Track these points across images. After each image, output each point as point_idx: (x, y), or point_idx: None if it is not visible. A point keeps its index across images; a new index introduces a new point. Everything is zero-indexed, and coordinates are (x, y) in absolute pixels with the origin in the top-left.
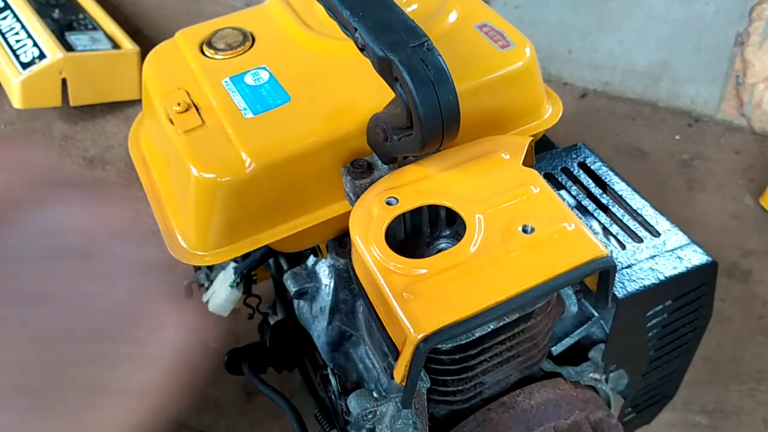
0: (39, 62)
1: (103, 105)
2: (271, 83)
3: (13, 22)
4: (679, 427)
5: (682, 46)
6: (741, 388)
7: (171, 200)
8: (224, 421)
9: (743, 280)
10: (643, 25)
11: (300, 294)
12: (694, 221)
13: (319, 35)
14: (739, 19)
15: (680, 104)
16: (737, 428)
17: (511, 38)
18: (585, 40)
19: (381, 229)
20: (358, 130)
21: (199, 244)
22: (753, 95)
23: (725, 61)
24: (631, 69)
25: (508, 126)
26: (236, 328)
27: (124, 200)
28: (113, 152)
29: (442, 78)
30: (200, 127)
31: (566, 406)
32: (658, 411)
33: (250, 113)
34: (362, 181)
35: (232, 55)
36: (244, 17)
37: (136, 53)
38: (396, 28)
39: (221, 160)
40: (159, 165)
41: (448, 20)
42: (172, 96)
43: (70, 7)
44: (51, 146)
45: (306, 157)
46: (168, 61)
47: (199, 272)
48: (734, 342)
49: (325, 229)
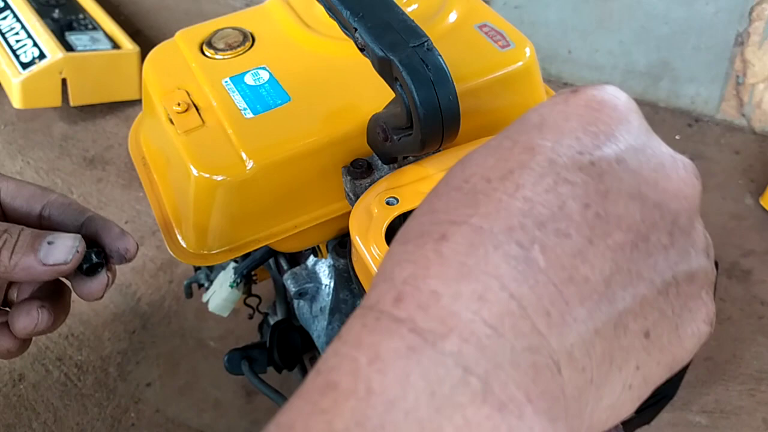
0: (39, 62)
1: (103, 105)
2: (271, 83)
3: (13, 22)
4: (679, 427)
5: (682, 46)
6: (741, 388)
7: (171, 200)
8: (224, 421)
9: (743, 280)
10: (643, 25)
11: (300, 294)
12: None
13: (319, 35)
14: (739, 19)
15: (680, 104)
16: (737, 428)
17: (511, 38)
18: (585, 40)
19: (381, 229)
20: (358, 130)
21: (199, 244)
22: (753, 95)
23: (725, 61)
24: (631, 69)
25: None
26: (236, 328)
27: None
28: (113, 152)
29: (442, 78)
30: (200, 127)
31: None
32: (658, 411)
33: (250, 113)
34: (362, 181)
35: (232, 55)
36: (244, 17)
37: (136, 53)
38: (396, 28)
39: (221, 160)
40: (159, 165)
41: (448, 20)
42: (172, 96)
43: (70, 7)
44: (51, 146)
45: (306, 157)
46: (168, 61)
47: (198, 272)
48: (734, 342)
49: (325, 229)
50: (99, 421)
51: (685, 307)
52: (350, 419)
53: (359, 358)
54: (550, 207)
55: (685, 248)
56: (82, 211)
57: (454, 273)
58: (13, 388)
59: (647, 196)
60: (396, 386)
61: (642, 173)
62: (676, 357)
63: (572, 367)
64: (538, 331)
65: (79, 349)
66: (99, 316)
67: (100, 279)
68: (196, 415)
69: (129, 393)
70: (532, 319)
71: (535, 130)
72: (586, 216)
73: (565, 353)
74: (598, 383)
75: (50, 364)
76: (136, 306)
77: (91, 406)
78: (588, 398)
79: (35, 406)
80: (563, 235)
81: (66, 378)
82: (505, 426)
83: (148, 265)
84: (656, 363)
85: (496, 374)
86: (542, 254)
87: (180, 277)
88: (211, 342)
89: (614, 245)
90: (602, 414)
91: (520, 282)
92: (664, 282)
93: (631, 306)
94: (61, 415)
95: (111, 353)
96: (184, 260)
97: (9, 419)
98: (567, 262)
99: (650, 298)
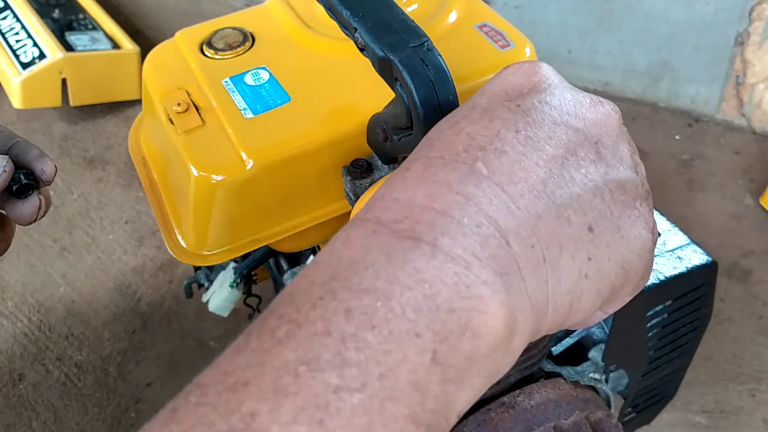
0: (39, 62)
1: (103, 105)
2: (271, 83)
3: (13, 22)
4: (679, 427)
5: (682, 46)
6: (741, 388)
7: (171, 200)
8: None
9: (743, 280)
10: (643, 25)
11: None
12: (694, 221)
13: (319, 35)
14: (739, 19)
15: (680, 104)
16: (737, 428)
17: (511, 38)
18: (585, 40)
19: None
20: (358, 130)
21: (199, 244)
22: (753, 95)
23: (725, 61)
24: (631, 69)
25: None
26: (236, 328)
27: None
28: (113, 152)
29: (442, 78)
30: (200, 127)
31: (566, 406)
32: (658, 411)
33: (250, 113)
34: (362, 181)
35: (232, 55)
36: (244, 17)
37: (136, 53)
38: (396, 28)
39: (221, 160)
40: (159, 165)
41: (448, 20)
42: (172, 96)
43: (70, 7)
44: (51, 146)
45: (306, 157)
46: (168, 61)
47: (198, 272)
48: (734, 342)
49: (325, 229)
50: (99, 421)
51: (623, 213)
52: (325, 274)
53: (335, 243)
54: (487, 135)
55: (611, 163)
56: (11, 136)
57: (411, 185)
58: (13, 388)
59: (570, 123)
60: (359, 254)
61: (563, 107)
62: (626, 257)
63: (521, 243)
64: (484, 213)
65: (79, 349)
66: (99, 316)
67: (32, 201)
68: None
69: (129, 393)
70: (479, 206)
71: (476, 96)
72: (518, 138)
73: (512, 231)
74: (551, 264)
75: (50, 364)
76: (136, 306)
77: (91, 406)
78: (546, 277)
79: (35, 406)
80: (500, 152)
81: (66, 378)
82: (452, 273)
83: (148, 265)
84: (607, 258)
85: (444, 240)
86: (485, 166)
87: (180, 277)
88: (211, 342)
89: (546, 157)
90: (564, 298)
91: (466, 184)
92: (596, 186)
93: (568, 201)
94: (61, 415)
95: (111, 353)
96: (184, 260)
97: (9, 419)
98: (506, 170)
99: (586, 198)
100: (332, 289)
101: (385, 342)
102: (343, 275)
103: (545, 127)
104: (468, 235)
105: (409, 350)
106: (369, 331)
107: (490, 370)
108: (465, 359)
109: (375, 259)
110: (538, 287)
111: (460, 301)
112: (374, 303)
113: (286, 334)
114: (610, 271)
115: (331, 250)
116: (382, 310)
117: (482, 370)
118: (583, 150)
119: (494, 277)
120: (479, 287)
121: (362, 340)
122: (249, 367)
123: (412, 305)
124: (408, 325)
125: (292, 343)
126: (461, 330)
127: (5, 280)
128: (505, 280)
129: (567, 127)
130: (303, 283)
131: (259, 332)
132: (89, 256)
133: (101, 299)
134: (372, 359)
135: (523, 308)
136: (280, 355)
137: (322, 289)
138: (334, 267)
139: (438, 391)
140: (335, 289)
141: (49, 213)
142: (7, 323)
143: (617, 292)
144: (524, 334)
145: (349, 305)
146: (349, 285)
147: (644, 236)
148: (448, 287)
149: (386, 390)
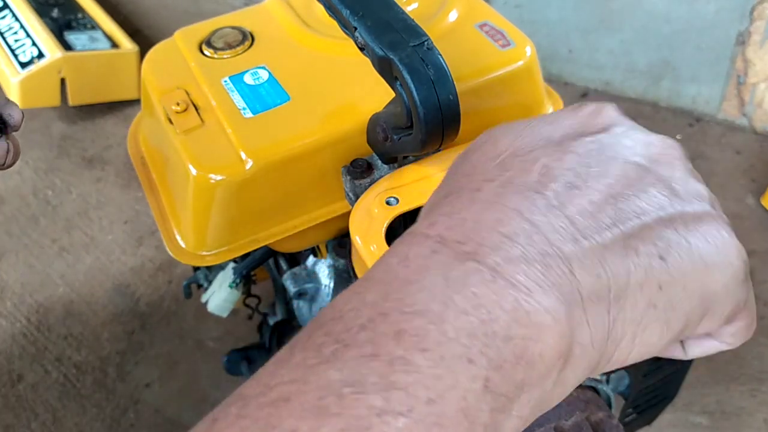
0: (38, 62)
1: (102, 105)
2: (270, 83)
3: (11, 21)
4: (680, 428)
5: (683, 46)
6: (742, 389)
7: (170, 200)
8: None
9: None
10: (644, 24)
11: (300, 294)
12: None
13: (319, 35)
14: (740, 19)
15: (681, 104)
16: (738, 429)
17: (511, 37)
18: (586, 40)
19: (381, 229)
20: (358, 130)
21: (198, 244)
22: (754, 95)
23: (726, 61)
24: (632, 68)
25: None
26: (236, 328)
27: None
28: (112, 152)
29: (443, 77)
30: (199, 126)
31: (567, 407)
32: (660, 412)
33: (250, 113)
34: (362, 181)
35: (232, 55)
36: (244, 16)
37: (135, 53)
38: (396, 28)
39: (220, 159)
40: (158, 165)
41: (448, 19)
42: (171, 95)
43: (68, 6)
44: (50, 146)
45: (305, 156)
46: (167, 60)
47: (198, 272)
48: None
49: (325, 229)
50: (98, 421)
51: (702, 241)
52: (377, 293)
53: (391, 259)
54: (561, 168)
55: (686, 198)
56: None
57: (481, 207)
58: (12, 388)
59: (641, 162)
60: (415, 274)
61: (636, 147)
62: (707, 287)
63: (585, 272)
64: (549, 242)
65: (77, 349)
66: (98, 316)
67: (0, 144)
68: (195, 415)
69: (128, 393)
70: (545, 235)
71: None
72: (590, 173)
73: (577, 260)
74: (616, 294)
75: (49, 365)
76: (135, 306)
77: (90, 407)
78: (608, 306)
79: (34, 407)
80: (573, 187)
81: (65, 378)
82: (512, 299)
83: (147, 266)
84: (681, 288)
85: (506, 267)
86: (556, 197)
87: (179, 277)
88: (211, 342)
89: (615, 193)
90: (626, 327)
91: (534, 212)
92: (668, 217)
93: (637, 232)
94: (59, 415)
95: (110, 354)
96: (183, 260)
97: (8, 420)
98: (576, 202)
99: (656, 229)
100: (384, 310)
101: (435, 366)
102: (396, 296)
103: (617, 164)
104: (531, 262)
105: (461, 376)
106: (419, 353)
107: (539, 400)
108: (516, 388)
109: (433, 282)
110: (599, 318)
111: (518, 329)
112: (426, 325)
113: (333, 353)
114: (684, 301)
115: (387, 267)
116: (435, 333)
117: (532, 400)
118: (655, 188)
119: (556, 306)
120: (539, 315)
121: (411, 363)
122: (292, 383)
123: (467, 330)
124: (461, 350)
125: (338, 363)
126: (516, 359)
127: (4, 280)
128: (566, 309)
129: (638, 166)
130: (355, 300)
131: (305, 346)
132: (88, 257)
133: (100, 299)
134: (420, 383)
135: (582, 341)
136: (324, 374)
137: (374, 309)
138: (387, 286)
139: (487, 419)
140: (387, 310)
141: (47, 213)
142: (5, 323)
143: (693, 325)
144: (580, 366)
145: (400, 327)
146: (402, 307)
147: (731, 264)
148: (507, 313)
149: (434, 416)
